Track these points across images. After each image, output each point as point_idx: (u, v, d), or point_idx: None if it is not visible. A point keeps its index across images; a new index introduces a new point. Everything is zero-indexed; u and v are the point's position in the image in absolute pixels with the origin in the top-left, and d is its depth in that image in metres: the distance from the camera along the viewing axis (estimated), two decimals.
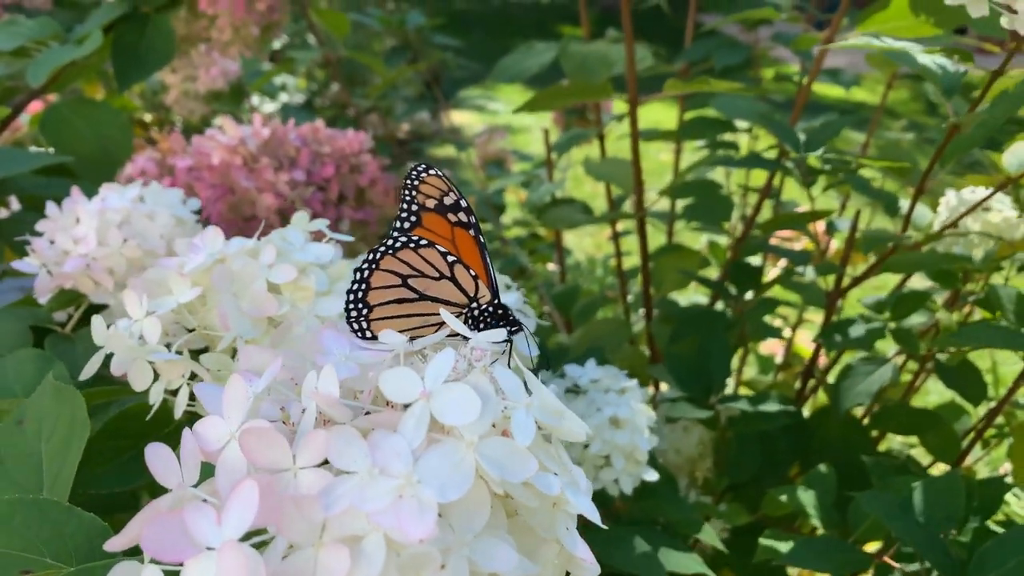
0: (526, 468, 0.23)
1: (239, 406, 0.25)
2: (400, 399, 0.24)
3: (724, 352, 0.69)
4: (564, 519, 0.25)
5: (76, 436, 0.32)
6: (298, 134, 0.73)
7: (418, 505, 0.21)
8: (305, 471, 0.22)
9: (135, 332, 0.36)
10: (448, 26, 2.52)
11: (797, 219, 0.80)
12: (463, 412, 0.23)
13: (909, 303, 0.73)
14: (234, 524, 0.21)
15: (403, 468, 0.22)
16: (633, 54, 0.71)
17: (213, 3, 0.73)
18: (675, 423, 0.73)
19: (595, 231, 2.52)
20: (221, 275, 0.37)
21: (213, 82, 1.23)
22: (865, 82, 2.97)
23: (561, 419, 0.26)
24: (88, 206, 0.48)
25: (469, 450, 0.22)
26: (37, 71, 0.61)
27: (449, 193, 0.37)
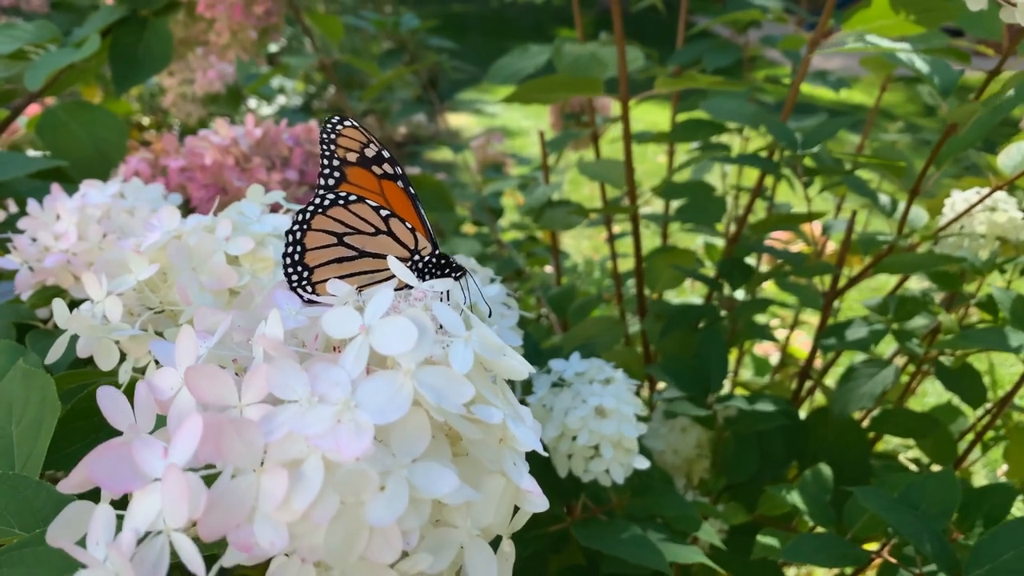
0: (463, 394, 0.24)
1: (190, 354, 0.26)
2: (341, 335, 0.24)
3: (722, 352, 0.69)
4: (511, 453, 0.26)
5: (46, 418, 0.33)
6: (291, 134, 0.73)
7: (355, 427, 0.21)
8: (251, 407, 0.23)
9: (98, 313, 0.36)
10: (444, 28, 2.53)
11: (790, 219, 0.81)
12: (401, 342, 0.23)
13: (911, 305, 0.74)
14: (178, 452, 0.21)
15: (342, 395, 0.22)
16: (624, 54, 0.72)
17: (211, 7, 0.74)
18: (673, 424, 0.74)
19: (592, 234, 2.52)
20: (178, 250, 0.37)
21: (210, 85, 1.23)
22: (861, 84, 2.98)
23: (501, 354, 0.26)
24: (68, 203, 0.48)
25: (407, 377, 0.23)
26: (35, 75, 0.62)
27: (369, 145, 0.36)
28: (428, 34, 1.54)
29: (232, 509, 0.21)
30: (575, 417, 0.49)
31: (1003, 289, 0.66)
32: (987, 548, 0.46)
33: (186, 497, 0.20)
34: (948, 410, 0.94)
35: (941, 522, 0.50)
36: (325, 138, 0.36)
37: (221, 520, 0.21)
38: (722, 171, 1.24)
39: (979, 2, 0.44)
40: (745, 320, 0.82)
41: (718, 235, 1.10)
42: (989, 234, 0.68)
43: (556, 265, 1.14)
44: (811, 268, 0.79)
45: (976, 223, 0.69)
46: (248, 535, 0.21)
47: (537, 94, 0.73)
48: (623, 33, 0.71)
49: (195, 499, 0.21)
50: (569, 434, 0.49)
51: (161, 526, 0.21)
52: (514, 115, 3.94)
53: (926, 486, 0.53)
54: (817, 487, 0.60)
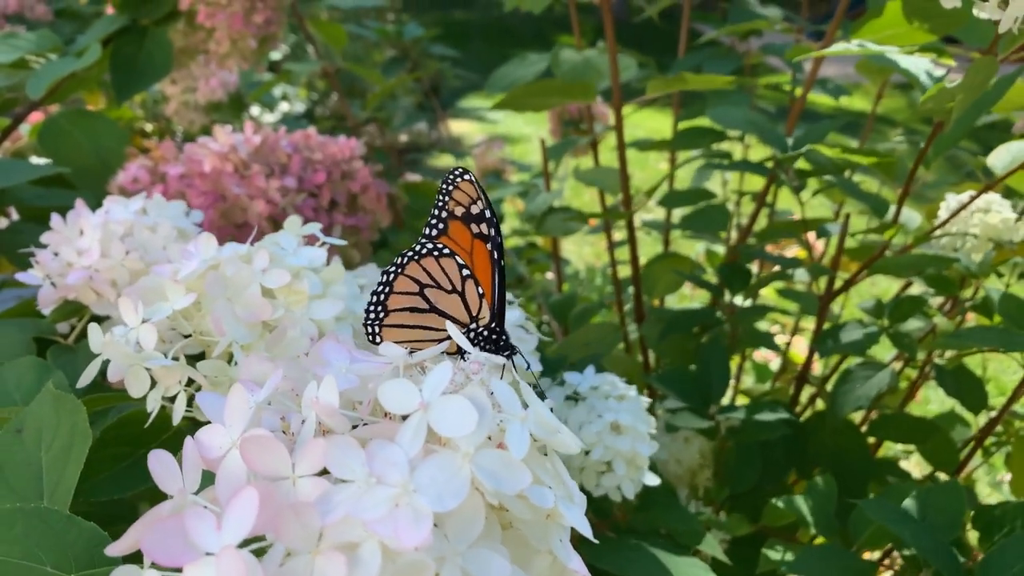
0: (520, 480, 0.23)
1: (240, 415, 0.25)
2: (398, 410, 0.24)
3: (723, 362, 0.69)
4: (557, 531, 0.25)
5: (77, 445, 0.33)
6: (290, 141, 0.73)
7: (413, 514, 0.21)
8: (304, 479, 0.23)
9: (131, 339, 0.36)
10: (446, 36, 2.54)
11: (791, 227, 0.81)
12: (460, 424, 0.23)
13: (906, 307, 0.73)
14: (233, 530, 0.21)
15: (400, 477, 0.22)
16: (616, 62, 0.72)
17: (211, 16, 0.74)
18: (676, 434, 0.74)
19: (594, 240, 2.53)
20: (215, 281, 0.37)
21: (212, 93, 1.24)
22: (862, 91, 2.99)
23: (556, 433, 0.26)
24: (92, 218, 0.48)
25: (465, 461, 0.23)
26: (36, 83, 0.62)
27: (477, 202, 0.36)
28: (430, 42, 1.55)
29: None
30: (590, 432, 0.49)
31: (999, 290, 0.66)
32: (995, 561, 0.46)
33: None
34: (950, 417, 0.94)
35: (948, 534, 0.50)
36: (443, 188, 0.36)
37: None
38: (723, 178, 1.24)
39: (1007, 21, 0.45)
40: (745, 326, 0.82)
41: (719, 242, 1.10)
42: (983, 235, 0.68)
43: (557, 272, 1.14)
44: (807, 270, 0.79)
45: (970, 225, 0.69)
46: None
47: (530, 99, 0.74)
48: (615, 40, 0.72)
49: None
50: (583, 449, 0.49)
51: None
52: (515, 122, 3.95)
53: (931, 497, 0.53)
54: (822, 497, 0.60)
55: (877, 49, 0.53)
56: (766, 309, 0.84)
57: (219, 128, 0.70)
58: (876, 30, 0.64)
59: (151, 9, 0.72)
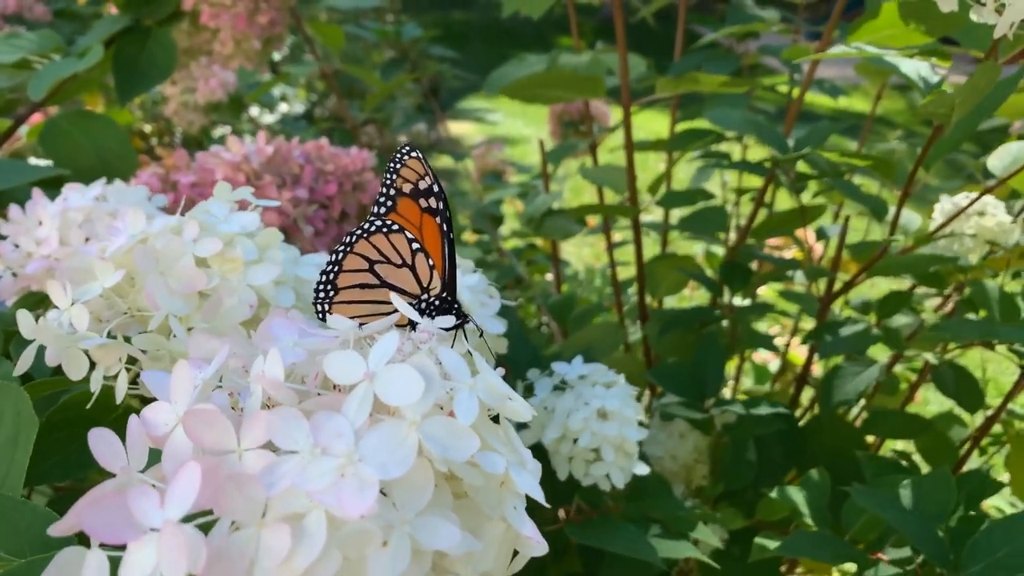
0: (468, 446, 0.23)
1: (185, 391, 0.25)
2: (343, 380, 0.24)
3: (719, 357, 0.69)
4: (511, 499, 0.25)
5: (23, 432, 0.33)
6: (302, 151, 0.72)
7: (358, 483, 0.21)
8: (250, 453, 0.23)
9: (64, 322, 0.35)
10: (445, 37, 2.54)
11: (788, 220, 0.80)
12: (406, 392, 0.23)
13: (893, 303, 0.74)
14: (176, 505, 0.21)
15: (345, 447, 0.22)
16: (626, 60, 0.72)
17: (215, 17, 0.74)
18: (671, 430, 0.74)
19: (593, 242, 2.53)
20: (144, 254, 0.36)
21: (212, 93, 1.24)
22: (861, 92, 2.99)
23: (506, 399, 0.26)
24: (50, 207, 0.47)
25: (411, 429, 0.23)
26: (38, 84, 0.62)
27: (425, 177, 0.36)
28: (429, 43, 1.55)
29: (232, 564, 0.21)
30: (577, 419, 0.49)
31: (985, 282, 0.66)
32: (982, 545, 0.46)
33: (185, 552, 0.20)
34: (949, 418, 0.94)
35: (938, 521, 0.51)
36: (391, 166, 0.36)
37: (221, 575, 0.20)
38: (721, 180, 1.24)
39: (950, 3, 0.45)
40: (745, 325, 0.82)
41: (718, 243, 1.10)
42: (979, 237, 0.69)
43: (556, 273, 1.14)
44: (807, 272, 0.79)
45: (966, 227, 0.69)
46: None
47: (537, 89, 0.73)
48: (625, 39, 0.72)
49: (195, 555, 0.20)
50: (570, 436, 0.49)
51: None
52: (515, 123, 3.96)
53: (922, 485, 0.53)
54: (815, 489, 0.60)
55: (876, 52, 0.53)
56: (766, 307, 0.84)
57: (232, 138, 0.70)
58: (872, 31, 0.64)
59: (154, 9, 0.72)
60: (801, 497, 0.59)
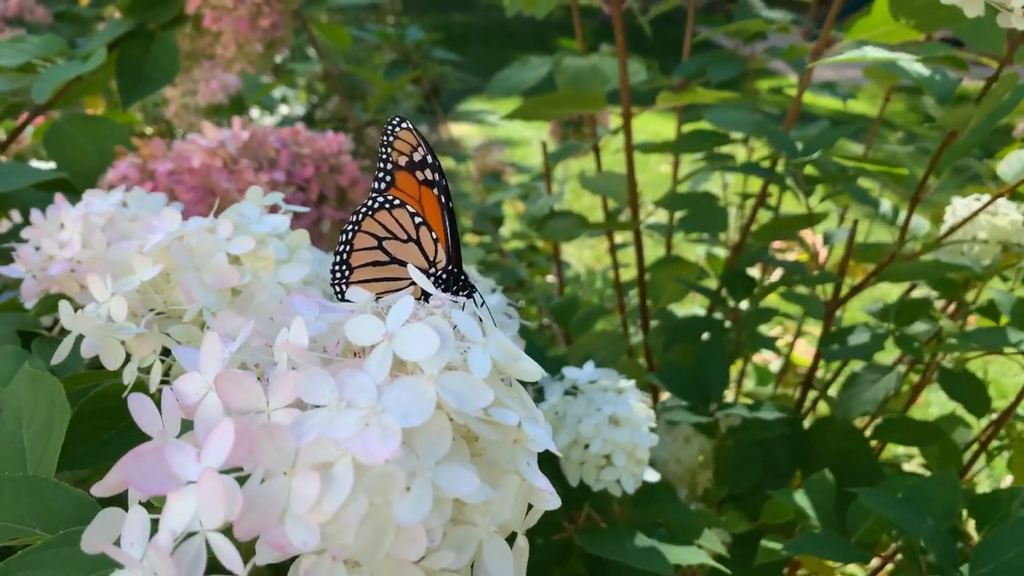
0: (483, 397, 0.25)
1: (215, 360, 0.26)
2: (364, 342, 0.25)
3: (722, 361, 0.69)
4: (524, 454, 0.27)
5: (57, 420, 0.34)
6: (277, 136, 0.73)
7: (382, 430, 0.22)
8: (278, 411, 0.24)
9: (102, 313, 0.37)
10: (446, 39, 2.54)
11: (793, 224, 0.80)
12: (423, 348, 0.24)
13: (912, 310, 0.74)
14: (212, 456, 0.22)
15: (368, 400, 0.23)
16: (626, 67, 0.72)
17: (217, 20, 0.74)
18: (675, 433, 0.74)
19: (595, 243, 2.53)
20: (180, 251, 0.38)
21: (213, 95, 1.24)
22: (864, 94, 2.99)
23: (517, 359, 0.28)
24: (72, 211, 0.49)
25: (429, 383, 0.24)
26: (42, 87, 0.62)
27: (418, 148, 0.36)
28: (431, 46, 1.55)
29: (266, 510, 0.22)
30: (589, 425, 0.49)
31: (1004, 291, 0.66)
32: (990, 547, 0.46)
33: (223, 500, 0.22)
34: (952, 421, 0.94)
35: (945, 522, 0.51)
36: (384, 140, 0.37)
37: (256, 521, 0.22)
38: (723, 181, 1.24)
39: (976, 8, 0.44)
40: (749, 331, 0.82)
41: (721, 245, 1.10)
42: (991, 239, 0.69)
43: (558, 275, 1.14)
44: (814, 278, 0.79)
45: (978, 229, 0.69)
46: (281, 535, 0.22)
47: (541, 110, 0.74)
48: (624, 45, 0.72)
49: (231, 501, 0.22)
50: (582, 441, 0.49)
51: (197, 527, 0.22)
52: (515, 125, 3.96)
53: (928, 487, 0.54)
54: (821, 492, 0.60)
55: (888, 57, 0.53)
56: (771, 313, 0.84)
57: (208, 124, 0.70)
58: (866, 29, 0.64)
59: (158, 13, 0.72)
60: (806, 500, 0.59)
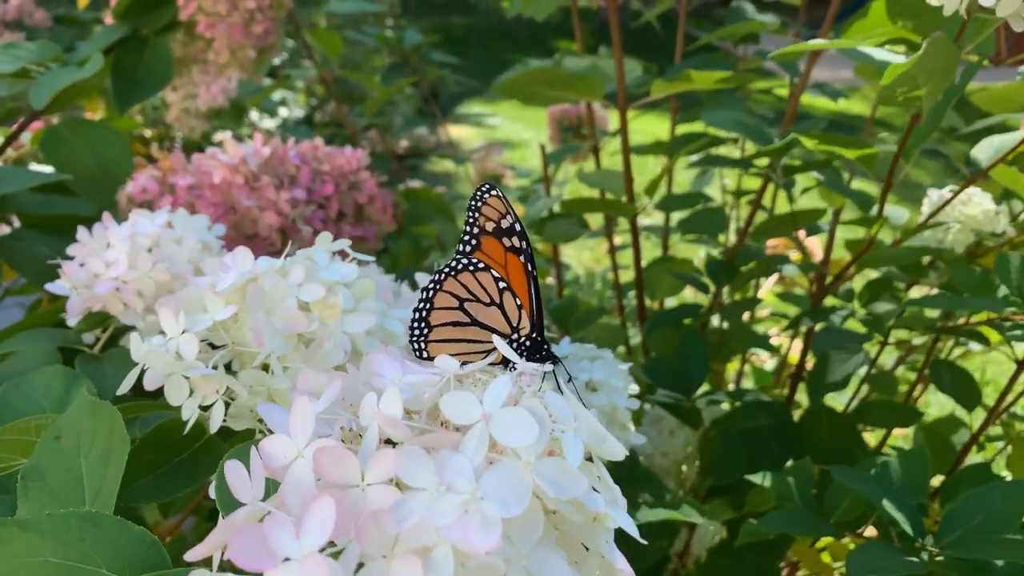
0: (578, 486, 0.25)
1: (306, 425, 0.26)
2: (461, 420, 0.25)
3: (702, 351, 0.70)
4: (604, 532, 0.27)
5: (116, 450, 0.34)
6: (298, 152, 0.73)
7: (483, 519, 0.22)
8: (373, 487, 0.24)
9: (171, 348, 0.37)
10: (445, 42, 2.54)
11: (786, 221, 0.81)
12: (522, 434, 0.25)
13: (875, 289, 0.76)
14: (313, 536, 0.22)
15: (467, 485, 0.23)
16: (622, 64, 0.73)
17: (210, 27, 0.74)
18: (661, 427, 0.74)
19: (594, 245, 2.53)
20: (254, 293, 0.38)
21: (213, 99, 1.24)
22: (859, 95, 3.00)
23: (604, 440, 0.28)
24: (119, 231, 0.50)
25: (527, 470, 0.24)
26: (39, 93, 0.63)
27: (507, 216, 0.37)
28: (430, 48, 1.55)
29: None
30: None
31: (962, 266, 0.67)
32: (958, 514, 0.47)
33: None
34: (951, 421, 0.94)
35: (914, 496, 0.52)
36: (472, 204, 0.37)
37: None
38: (721, 184, 1.24)
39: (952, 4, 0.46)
40: (739, 323, 0.83)
41: (718, 246, 1.10)
42: (964, 226, 0.69)
43: (558, 276, 1.14)
44: (799, 267, 0.80)
45: (951, 217, 0.70)
46: None
47: (534, 87, 0.74)
48: (621, 44, 0.72)
49: None
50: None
51: None
52: (514, 127, 3.96)
53: (899, 464, 0.55)
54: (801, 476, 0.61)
55: (846, 44, 0.54)
56: (755, 302, 0.84)
57: (229, 139, 0.70)
58: (863, 30, 0.64)
59: (152, 19, 0.72)
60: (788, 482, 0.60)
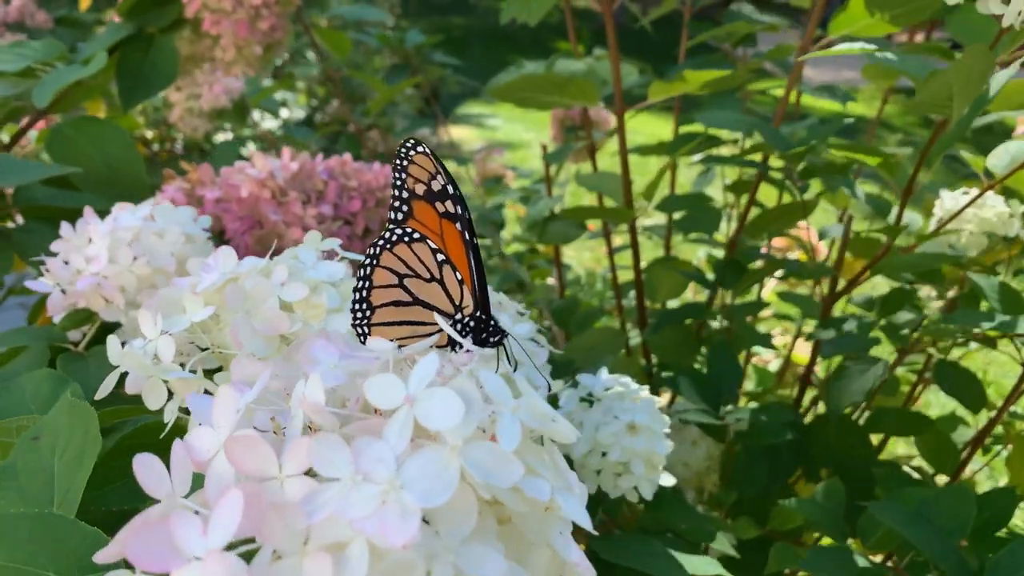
0: (512, 472, 0.23)
1: (228, 415, 0.25)
2: (384, 405, 0.24)
3: (733, 363, 0.70)
4: (557, 524, 0.25)
5: (88, 452, 0.33)
6: (326, 167, 0.72)
7: (400, 511, 0.21)
8: (292, 479, 0.22)
9: (149, 351, 0.36)
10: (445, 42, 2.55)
11: (785, 215, 0.81)
12: (447, 416, 0.23)
13: (895, 299, 0.75)
14: (219, 533, 0.21)
15: (386, 474, 0.21)
16: (618, 67, 0.73)
17: (216, 24, 0.74)
18: (682, 437, 0.74)
19: (594, 246, 2.53)
20: (234, 293, 0.37)
21: (216, 99, 1.24)
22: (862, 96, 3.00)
23: (551, 422, 0.26)
24: (100, 226, 0.49)
25: (453, 455, 0.22)
26: (42, 92, 0.63)
27: (437, 176, 0.33)
28: (431, 49, 1.55)
29: None
30: (607, 433, 0.49)
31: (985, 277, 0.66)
32: (1005, 563, 0.46)
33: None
34: (951, 420, 0.95)
35: (958, 536, 0.51)
36: (397, 164, 0.33)
37: None
38: (723, 184, 1.24)
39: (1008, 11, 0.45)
40: (742, 323, 0.83)
41: (719, 246, 1.11)
42: (978, 230, 0.69)
43: (559, 277, 1.14)
44: (809, 271, 0.79)
45: (965, 221, 0.70)
46: None
47: (526, 92, 0.74)
48: (617, 46, 0.72)
49: None
50: (599, 450, 0.49)
51: None
52: (515, 128, 3.97)
53: (940, 501, 0.53)
54: (830, 500, 0.60)
55: (868, 49, 0.54)
56: (761, 305, 0.84)
57: (258, 154, 0.70)
58: (846, 24, 0.65)
59: (157, 17, 0.72)
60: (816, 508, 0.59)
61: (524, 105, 0.78)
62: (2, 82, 0.67)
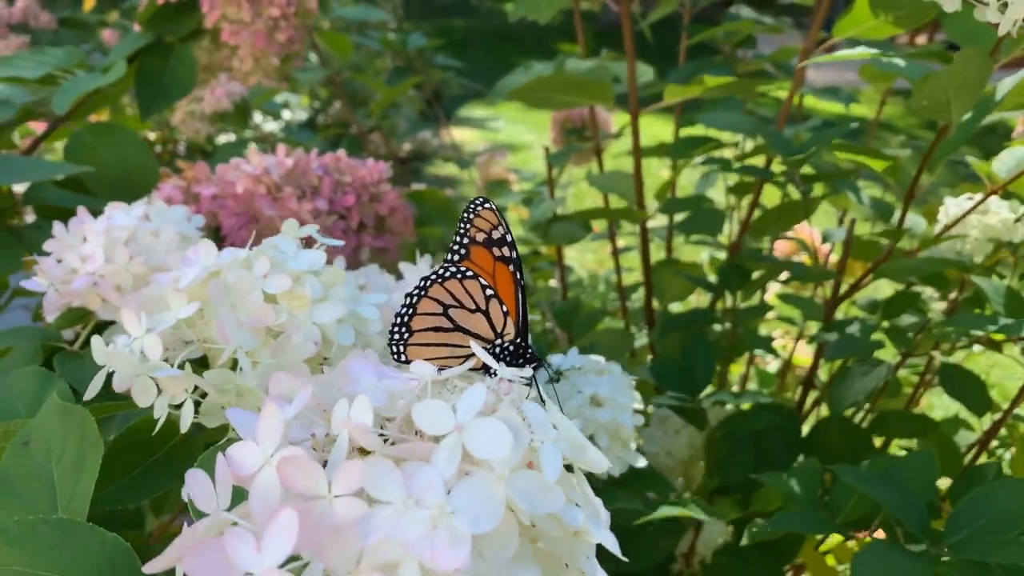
0: (555, 501, 0.24)
1: (274, 433, 0.25)
2: (433, 431, 0.24)
3: (707, 352, 0.70)
4: (584, 548, 0.26)
5: (89, 455, 0.33)
6: (320, 163, 0.73)
7: (451, 536, 0.22)
8: (340, 499, 0.23)
9: (135, 349, 0.36)
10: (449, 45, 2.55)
11: (787, 215, 0.81)
12: (495, 446, 0.24)
13: (899, 303, 0.75)
14: (274, 551, 0.21)
15: (437, 499, 0.22)
16: (634, 67, 0.73)
17: (235, 34, 0.75)
18: (666, 427, 0.74)
19: (597, 247, 2.53)
20: (218, 288, 0.37)
21: (218, 103, 1.25)
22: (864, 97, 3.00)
23: (584, 452, 0.27)
24: (95, 225, 0.49)
25: (500, 483, 0.23)
26: (62, 99, 0.63)
27: (498, 227, 0.38)
28: (433, 51, 1.56)
29: None
30: (570, 406, 0.50)
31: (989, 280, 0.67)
32: (964, 514, 0.47)
33: None
34: (955, 423, 0.95)
35: (923, 497, 0.52)
36: (464, 216, 0.38)
37: None
38: (725, 186, 1.25)
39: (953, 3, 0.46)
40: (745, 326, 0.83)
41: (722, 248, 1.11)
42: (982, 236, 0.70)
43: (561, 279, 1.15)
44: (812, 274, 0.79)
45: (969, 227, 0.70)
46: None
47: (546, 92, 0.74)
48: (634, 45, 0.72)
49: None
50: None
51: None
52: (517, 130, 3.97)
53: (906, 464, 0.55)
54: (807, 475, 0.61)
55: (873, 53, 0.54)
56: (765, 308, 0.84)
57: (253, 150, 0.71)
58: (848, 27, 0.65)
59: (177, 27, 0.73)
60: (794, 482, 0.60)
61: (540, 106, 0.78)
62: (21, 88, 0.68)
